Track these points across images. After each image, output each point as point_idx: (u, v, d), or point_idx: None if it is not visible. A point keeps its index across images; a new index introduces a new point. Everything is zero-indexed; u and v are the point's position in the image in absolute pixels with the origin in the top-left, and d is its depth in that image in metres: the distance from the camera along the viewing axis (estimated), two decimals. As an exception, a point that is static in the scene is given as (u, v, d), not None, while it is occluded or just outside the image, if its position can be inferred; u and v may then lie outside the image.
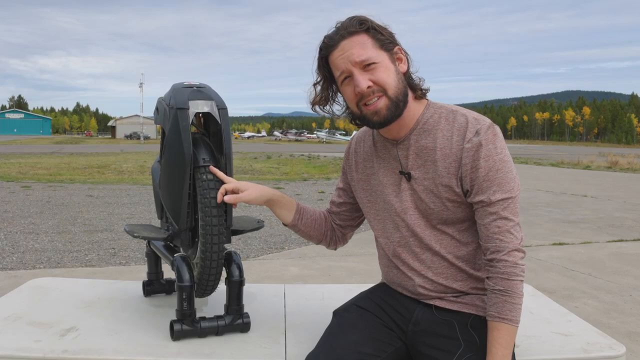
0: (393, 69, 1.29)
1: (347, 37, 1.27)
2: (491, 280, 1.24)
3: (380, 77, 1.26)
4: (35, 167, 16.43)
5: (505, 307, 1.21)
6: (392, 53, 1.30)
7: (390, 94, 1.27)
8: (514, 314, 1.21)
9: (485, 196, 1.23)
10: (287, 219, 1.53)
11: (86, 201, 8.90)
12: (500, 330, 1.20)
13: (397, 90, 1.28)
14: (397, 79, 1.29)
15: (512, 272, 1.22)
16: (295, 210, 1.53)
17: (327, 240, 1.59)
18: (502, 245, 1.22)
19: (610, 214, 8.26)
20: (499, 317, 1.21)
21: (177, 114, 1.42)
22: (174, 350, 1.44)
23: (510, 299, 1.21)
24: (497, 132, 1.26)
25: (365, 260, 4.90)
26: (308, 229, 1.55)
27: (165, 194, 1.58)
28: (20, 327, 1.57)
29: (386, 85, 1.27)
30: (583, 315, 3.47)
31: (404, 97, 1.29)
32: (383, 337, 1.35)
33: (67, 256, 5.07)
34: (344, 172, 1.56)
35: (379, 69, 1.26)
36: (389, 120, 1.29)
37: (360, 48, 1.26)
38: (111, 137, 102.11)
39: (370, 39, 1.27)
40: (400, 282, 1.41)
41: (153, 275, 1.94)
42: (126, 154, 27.71)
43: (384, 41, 1.28)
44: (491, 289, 1.24)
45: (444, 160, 1.28)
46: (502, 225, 1.23)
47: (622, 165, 21.70)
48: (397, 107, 1.28)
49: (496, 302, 1.22)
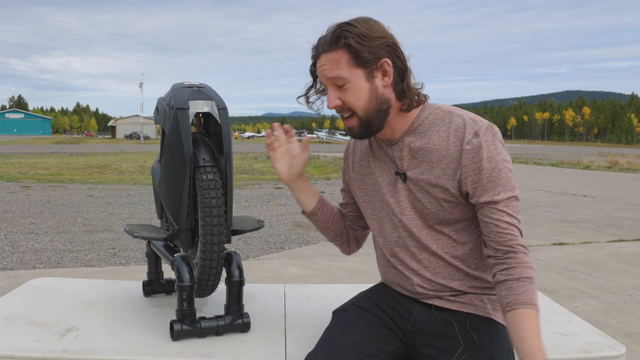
0: (367, 88, 1.26)
1: (324, 52, 1.26)
2: (514, 269, 1.20)
3: (348, 99, 1.26)
4: (35, 167, 16.44)
5: (534, 294, 1.18)
6: (371, 69, 1.25)
7: (360, 115, 1.27)
8: (537, 300, 1.18)
9: (490, 196, 1.23)
10: (309, 205, 1.52)
11: (86, 201, 8.90)
12: (532, 317, 1.15)
13: (367, 111, 1.27)
14: (370, 98, 1.26)
15: (530, 261, 1.22)
16: (319, 199, 1.53)
17: (342, 238, 1.58)
18: (514, 238, 1.23)
19: (610, 214, 8.26)
20: (532, 303, 1.16)
21: (177, 114, 1.42)
22: (173, 350, 1.44)
23: (534, 286, 1.19)
24: (496, 132, 1.26)
25: (365, 260, 4.90)
26: (327, 221, 1.54)
27: (166, 194, 1.58)
28: (20, 327, 1.56)
29: (355, 108, 1.27)
30: (583, 315, 3.47)
31: (378, 115, 1.28)
32: (383, 337, 1.35)
33: (67, 256, 5.07)
34: (343, 173, 1.56)
35: (349, 90, 1.26)
36: (363, 136, 1.32)
37: (333, 66, 1.25)
38: (111, 137, 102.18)
39: (346, 55, 1.24)
40: (398, 281, 1.41)
41: (153, 275, 1.94)
42: (126, 154, 27.72)
43: (362, 57, 1.23)
44: (516, 277, 1.19)
45: (440, 161, 1.28)
46: (510, 221, 1.23)
47: (622, 165, 21.72)
48: (369, 126, 1.29)
49: (526, 290, 1.17)
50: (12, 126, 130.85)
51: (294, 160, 1.47)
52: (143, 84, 73.57)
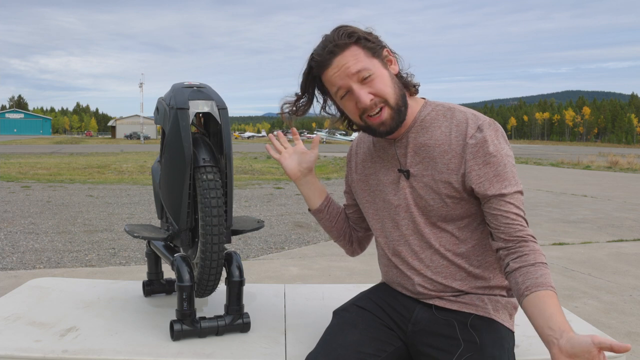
0: (387, 75, 1.29)
1: (338, 53, 1.26)
2: (528, 256, 1.20)
3: (379, 88, 1.27)
4: (35, 167, 16.44)
5: (550, 278, 1.17)
6: (382, 58, 1.30)
7: (392, 103, 1.28)
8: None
9: (498, 190, 1.24)
10: (316, 202, 1.54)
11: (86, 201, 8.90)
12: (554, 298, 1.14)
13: (396, 96, 1.29)
14: (393, 83, 1.30)
15: (540, 249, 1.22)
16: (325, 197, 1.55)
17: (345, 239, 1.60)
18: (524, 229, 1.23)
19: (610, 214, 8.26)
20: (551, 285, 1.16)
21: (177, 114, 1.42)
22: (173, 350, 1.44)
23: (549, 271, 1.19)
24: (499, 128, 1.28)
25: (365, 260, 4.90)
26: (332, 219, 1.56)
27: (166, 194, 1.58)
28: (20, 327, 1.56)
29: (387, 95, 1.27)
30: (583, 315, 3.47)
31: (403, 101, 1.30)
32: (383, 337, 1.35)
33: (67, 256, 5.07)
34: (347, 176, 1.57)
35: (376, 80, 1.27)
36: (395, 128, 1.31)
37: (355, 61, 1.26)
38: (111, 137, 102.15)
39: (361, 50, 1.26)
40: (400, 281, 1.41)
41: (153, 275, 1.94)
42: (126, 154, 27.72)
43: (373, 48, 1.28)
44: (532, 263, 1.19)
45: (443, 156, 1.29)
46: (519, 212, 1.24)
47: (622, 165, 21.72)
48: (400, 114, 1.30)
49: (544, 274, 1.17)
50: (12, 126, 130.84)
51: (304, 157, 1.52)
52: (143, 83, 73.58)
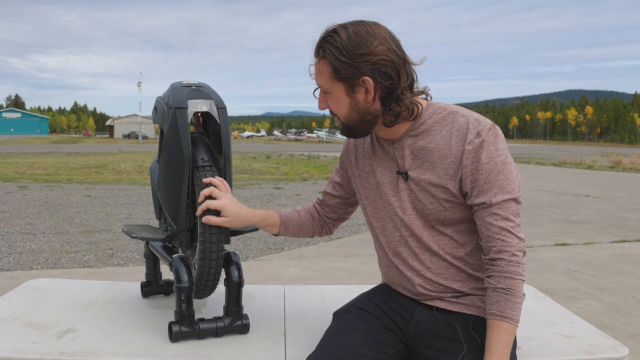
0: (347, 101, 1.27)
1: (314, 56, 1.29)
2: (493, 278, 1.23)
3: (332, 106, 1.31)
4: (33, 167, 16.43)
5: (507, 305, 1.20)
6: (351, 84, 1.24)
7: (343, 121, 1.32)
8: (515, 313, 1.20)
9: (486, 198, 1.22)
10: (274, 232, 1.58)
11: (84, 201, 8.88)
12: (501, 328, 1.19)
13: (348, 120, 1.30)
14: (350, 111, 1.28)
15: (514, 271, 1.21)
16: (280, 224, 1.56)
17: (315, 235, 1.64)
18: (504, 245, 1.22)
19: (613, 214, 8.25)
20: (501, 315, 1.19)
21: (175, 113, 1.41)
22: (172, 351, 1.43)
23: (512, 297, 1.20)
24: (499, 133, 1.25)
25: (366, 261, 4.89)
26: (296, 234, 1.60)
27: (164, 194, 1.57)
28: (17, 329, 1.55)
29: (337, 114, 1.32)
30: (586, 316, 3.45)
31: (361, 124, 1.30)
32: (384, 339, 1.34)
33: (65, 257, 5.05)
34: (342, 166, 1.54)
35: (332, 99, 1.30)
36: (349, 137, 1.38)
37: (318, 75, 1.29)
38: (109, 136, 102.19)
39: (328, 68, 1.25)
40: (400, 282, 1.40)
41: (151, 276, 1.92)
42: (124, 154, 27.73)
43: (342, 73, 1.23)
44: (493, 287, 1.22)
45: (442, 161, 1.27)
46: (504, 225, 1.22)
47: (625, 165, 21.71)
48: (353, 132, 1.33)
49: (498, 301, 1.21)
50: (9, 126, 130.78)
51: (231, 220, 1.42)
52: (141, 82, 73.60)
